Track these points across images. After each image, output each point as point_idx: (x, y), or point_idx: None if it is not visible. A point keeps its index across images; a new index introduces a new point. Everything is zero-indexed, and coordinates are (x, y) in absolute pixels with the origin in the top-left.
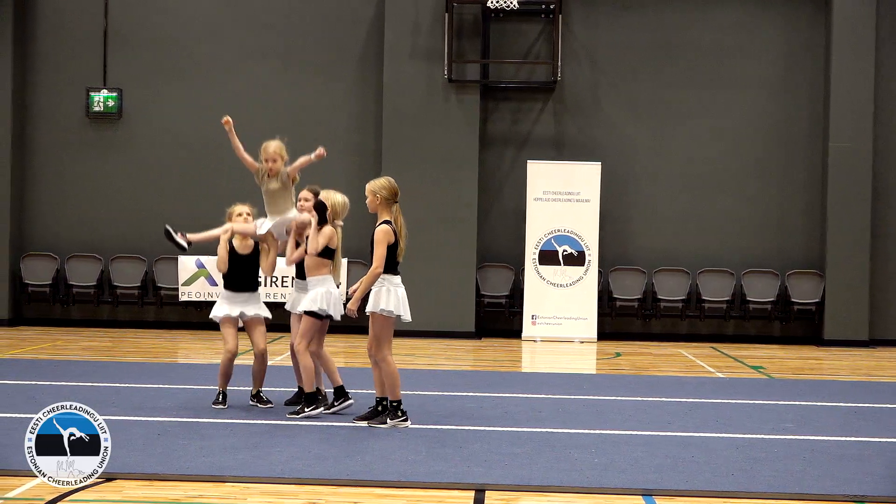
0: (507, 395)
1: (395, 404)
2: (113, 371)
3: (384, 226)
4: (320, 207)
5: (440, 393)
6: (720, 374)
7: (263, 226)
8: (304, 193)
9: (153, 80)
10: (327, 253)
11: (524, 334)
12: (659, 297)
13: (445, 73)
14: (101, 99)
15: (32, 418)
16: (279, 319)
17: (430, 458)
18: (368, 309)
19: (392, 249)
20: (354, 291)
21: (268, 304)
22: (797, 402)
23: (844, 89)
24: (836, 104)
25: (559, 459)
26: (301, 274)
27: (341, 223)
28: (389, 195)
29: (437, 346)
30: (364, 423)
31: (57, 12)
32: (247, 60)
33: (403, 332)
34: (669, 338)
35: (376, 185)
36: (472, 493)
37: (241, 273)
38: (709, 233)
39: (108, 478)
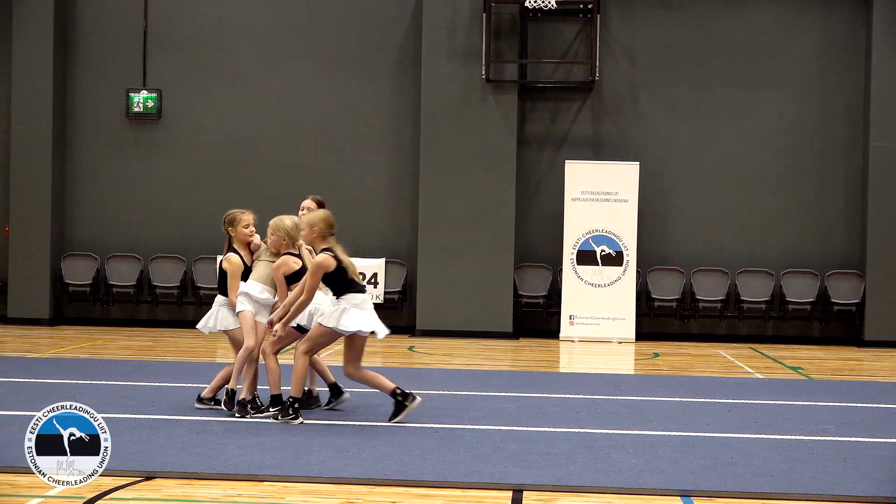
0: (545, 395)
1: (291, 400)
2: (152, 370)
3: (322, 254)
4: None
5: (478, 393)
6: (759, 375)
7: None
8: (308, 203)
9: (192, 81)
10: (296, 279)
11: (562, 334)
12: (697, 297)
13: (483, 73)
14: (141, 100)
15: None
16: None
17: (468, 458)
18: (326, 323)
19: (340, 274)
20: (281, 317)
21: None
22: (837, 404)
23: (885, 88)
24: (877, 103)
25: (597, 460)
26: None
27: (300, 242)
28: (326, 227)
29: (474, 347)
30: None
31: (97, 14)
32: (285, 61)
33: (441, 331)
34: (708, 338)
35: (313, 219)
36: (509, 494)
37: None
38: (748, 233)
39: (147, 476)
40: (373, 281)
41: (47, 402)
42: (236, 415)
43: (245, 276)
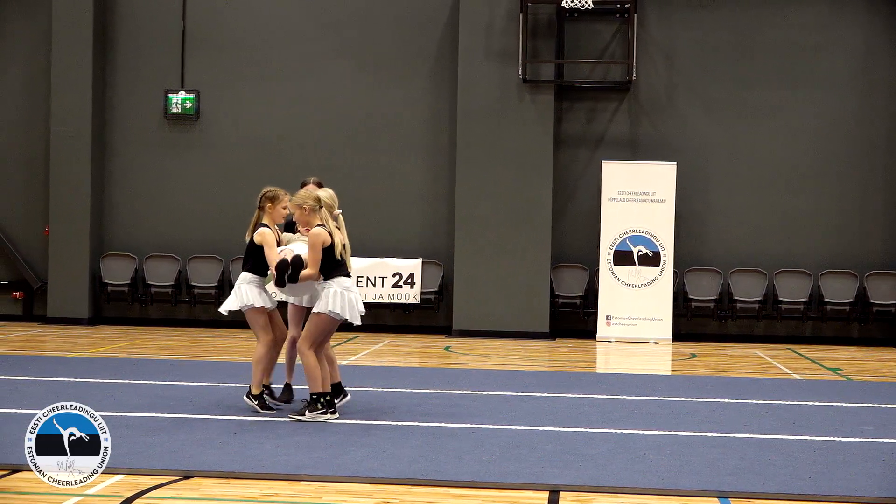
0: (582, 395)
1: (315, 396)
2: (190, 370)
3: (316, 228)
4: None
5: (514, 393)
6: (797, 376)
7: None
8: (309, 186)
9: (230, 82)
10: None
11: (599, 335)
12: (735, 297)
13: (520, 73)
14: (179, 100)
15: (108, 416)
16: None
17: (504, 459)
18: (315, 309)
19: (329, 252)
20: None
21: None
22: (876, 405)
23: None
24: None
25: (634, 461)
26: None
27: (339, 211)
28: (314, 202)
29: (511, 347)
30: (299, 418)
31: (136, 16)
32: (322, 61)
33: (478, 332)
34: (745, 339)
35: (299, 198)
36: (546, 494)
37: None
38: (785, 233)
39: (185, 475)
40: (409, 281)
41: (86, 402)
42: (258, 409)
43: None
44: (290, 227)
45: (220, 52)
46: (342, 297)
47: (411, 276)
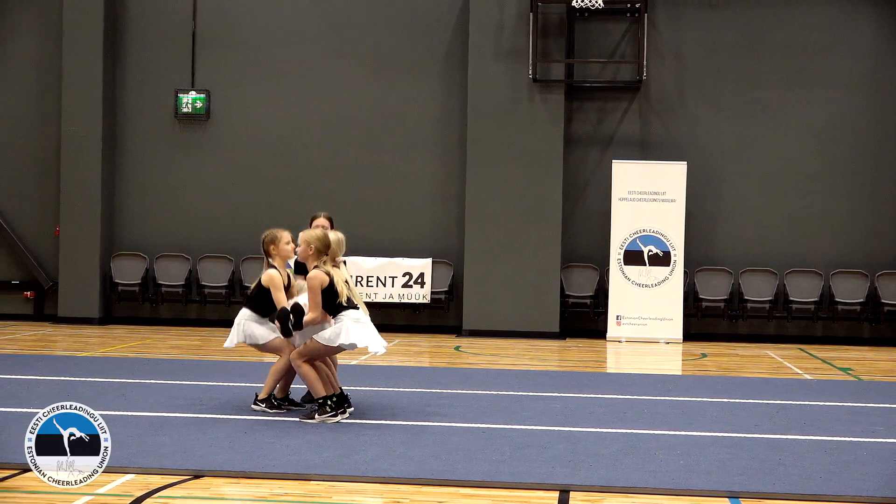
0: (592, 395)
1: (321, 399)
2: (201, 369)
3: (312, 272)
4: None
5: (525, 393)
6: (808, 376)
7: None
8: (321, 221)
9: (240, 82)
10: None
11: (609, 335)
12: (745, 297)
13: (530, 72)
14: (189, 100)
15: (119, 415)
16: None
17: (515, 459)
18: (326, 343)
19: (330, 291)
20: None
21: None
22: (887, 405)
23: None
24: None
25: (644, 461)
26: None
27: (342, 259)
28: (322, 247)
29: (521, 346)
30: (309, 422)
31: (146, 16)
32: (332, 61)
33: (488, 331)
34: (756, 339)
35: (311, 236)
36: (556, 494)
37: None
38: (796, 233)
39: (196, 475)
40: (420, 281)
41: (97, 402)
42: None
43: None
44: (300, 268)
45: (230, 52)
46: (353, 328)
47: (421, 275)
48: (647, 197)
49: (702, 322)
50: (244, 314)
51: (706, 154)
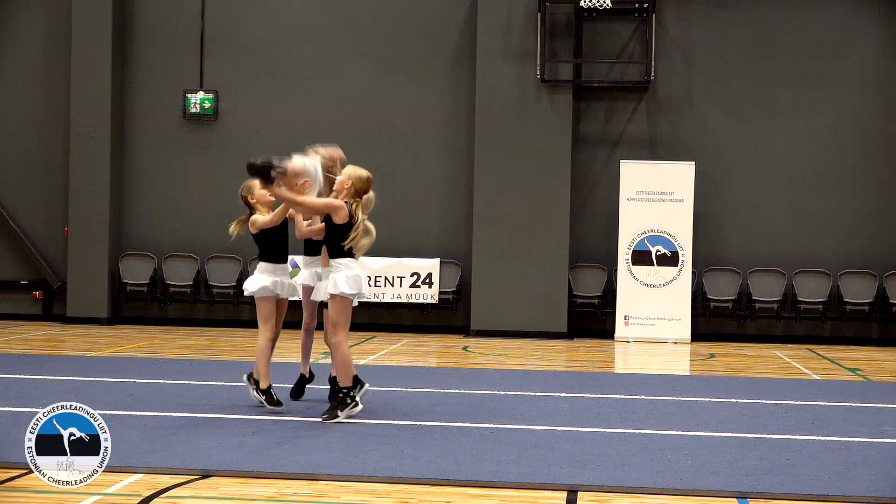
0: (600, 395)
1: (344, 391)
2: (209, 369)
3: (342, 201)
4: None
5: (533, 393)
6: (816, 376)
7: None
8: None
9: (249, 82)
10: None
11: (617, 335)
12: (754, 297)
13: (538, 73)
14: (198, 101)
15: (127, 415)
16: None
17: (523, 459)
18: (330, 291)
19: (344, 231)
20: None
21: None
22: None
23: None
24: None
25: (652, 461)
26: (311, 250)
27: (368, 196)
28: (360, 188)
29: (529, 347)
30: (335, 421)
31: (155, 16)
32: (340, 62)
33: (496, 332)
34: (764, 339)
35: (354, 174)
36: (564, 494)
37: (281, 242)
38: (805, 233)
39: (204, 474)
40: (427, 281)
41: (106, 401)
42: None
43: (270, 235)
44: (312, 247)
45: (238, 53)
46: (354, 279)
47: (429, 275)
48: (655, 197)
49: (710, 322)
50: (258, 266)
51: (714, 154)
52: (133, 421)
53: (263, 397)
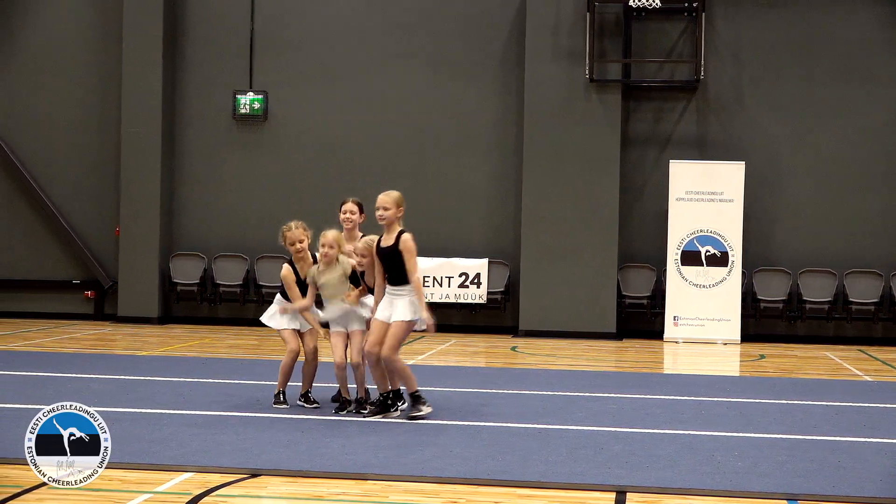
0: (649, 396)
1: (414, 395)
2: (258, 368)
3: (409, 234)
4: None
5: (581, 394)
6: (867, 378)
7: (325, 314)
8: (350, 206)
9: (298, 83)
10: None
11: (666, 335)
12: (804, 298)
13: (587, 72)
14: (248, 101)
15: (177, 414)
16: None
17: (571, 460)
18: (401, 318)
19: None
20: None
21: None
22: None
23: None
24: None
25: (701, 462)
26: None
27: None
28: (403, 205)
29: (578, 347)
30: (375, 418)
31: (205, 18)
32: (389, 62)
33: (544, 332)
34: (815, 340)
35: (394, 197)
36: (613, 495)
37: (302, 290)
38: (856, 233)
39: (253, 473)
40: (476, 281)
41: (156, 401)
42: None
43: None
44: (356, 278)
45: (288, 53)
46: (414, 304)
47: (478, 276)
48: (705, 197)
49: (760, 323)
50: (276, 299)
51: (764, 154)
52: (183, 420)
53: (302, 401)
